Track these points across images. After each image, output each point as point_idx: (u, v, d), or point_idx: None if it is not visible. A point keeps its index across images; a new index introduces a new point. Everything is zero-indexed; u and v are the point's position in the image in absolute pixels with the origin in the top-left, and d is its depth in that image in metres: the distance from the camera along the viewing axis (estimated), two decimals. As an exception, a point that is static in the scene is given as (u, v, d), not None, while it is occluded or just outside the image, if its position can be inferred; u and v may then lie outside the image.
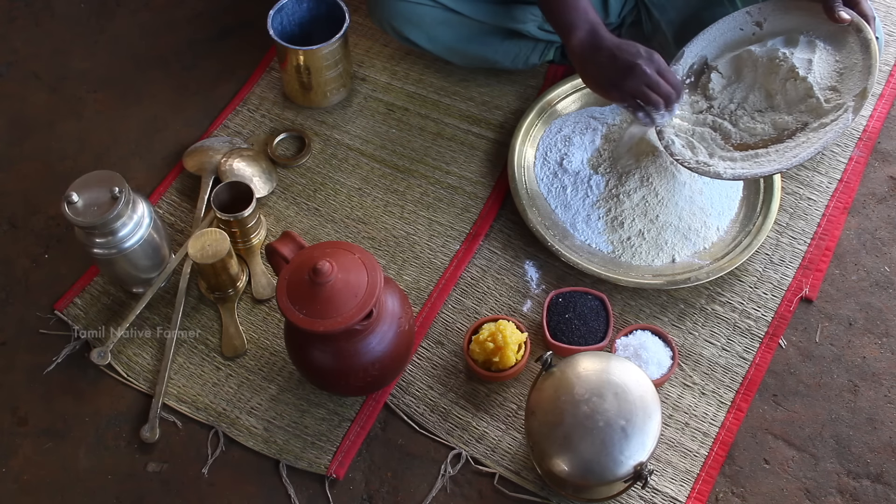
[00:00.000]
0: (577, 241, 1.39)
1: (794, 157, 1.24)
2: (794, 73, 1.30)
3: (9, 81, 1.68)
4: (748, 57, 1.35)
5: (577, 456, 1.09)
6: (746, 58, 1.35)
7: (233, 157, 1.49)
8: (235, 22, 1.73)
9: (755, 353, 1.31)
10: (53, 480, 1.26)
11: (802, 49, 1.31)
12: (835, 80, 1.28)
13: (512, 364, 1.25)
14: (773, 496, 1.21)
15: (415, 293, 1.38)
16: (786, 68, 1.31)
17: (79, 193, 1.22)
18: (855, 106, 1.24)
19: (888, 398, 1.28)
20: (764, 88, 1.34)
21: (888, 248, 1.41)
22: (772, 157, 1.28)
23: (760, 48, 1.35)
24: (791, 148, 1.27)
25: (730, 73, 1.37)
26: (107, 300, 1.40)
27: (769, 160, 1.27)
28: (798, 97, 1.30)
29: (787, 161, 1.25)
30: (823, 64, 1.29)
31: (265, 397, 1.31)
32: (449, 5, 1.44)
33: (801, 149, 1.25)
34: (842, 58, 1.29)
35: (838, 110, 1.25)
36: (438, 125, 1.56)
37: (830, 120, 1.25)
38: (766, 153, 1.29)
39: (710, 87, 1.38)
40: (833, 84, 1.28)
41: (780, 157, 1.27)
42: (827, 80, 1.28)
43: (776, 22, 1.35)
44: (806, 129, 1.28)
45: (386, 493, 1.24)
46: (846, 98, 1.25)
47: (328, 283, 1.07)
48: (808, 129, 1.27)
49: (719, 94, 1.37)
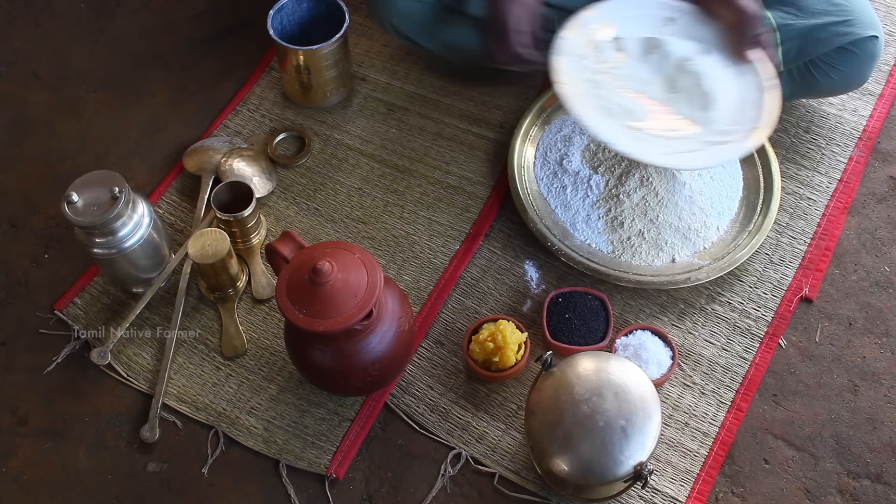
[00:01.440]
0: (577, 241, 1.39)
1: (677, 161, 1.24)
2: (699, 83, 1.30)
3: (9, 81, 1.68)
4: (658, 46, 1.33)
5: (577, 456, 1.09)
6: (654, 46, 1.33)
7: (233, 157, 1.49)
8: (235, 22, 1.73)
9: (755, 353, 1.31)
10: (53, 480, 1.26)
11: (711, 63, 1.31)
12: (733, 105, 1.29)
13: (512, 364, 1.25)
14: (773, 496, 1.21)
15: (415, 293, 1.38)
16: (692, 74, 1.31)
17: (79, 193, 1.22)
18: (747, 140, 1.25)
19: (888, 398, 1.28)
20: (669, 81, 1.32)
21: (888, 248, 1.41)
22: (658, 145, 1.25)
23: (673, 45, 1.33)
24: (680, 150, 1.25)
25: (637, 52, 1.34)
26: (107, 300, 1.40)
27: (654, 146, 1.25)
28: (698, 105, 1.30)
29: (670, 161, 1.23)
30: (726, 86, 1.30)
31: (265, 397, 1.31)
32: (449, 4, 1.44)
33: (688, 157, 1.24)
34: (743, 89, 1.30)
35: (730, 135, 1.26)
36: (438, 125, 1.56)
37: (720, 141, 1.26)
38: (651, 135, 1.27)
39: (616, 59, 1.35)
40: (731, 108, 1.28)
41: (667, 148, 1.25)
42: (726, 103, 1.29)
43: (688, 26, 1.35)
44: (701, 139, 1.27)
45: (386, 493, 1.24)
46: (739, 127, 1.26)
47: (328, 283, 1.07)
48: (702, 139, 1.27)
49: (625, 69, 1.34)
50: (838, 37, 1.34)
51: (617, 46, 1.34)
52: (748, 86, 1.30)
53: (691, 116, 1.29)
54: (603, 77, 1.31)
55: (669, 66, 1.32)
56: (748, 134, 1.26)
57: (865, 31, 1.34)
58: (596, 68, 1.32)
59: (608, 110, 1.28)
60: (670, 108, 1.30)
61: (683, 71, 1.32)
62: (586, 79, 1.30)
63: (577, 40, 1.32)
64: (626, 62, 1.33)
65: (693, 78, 1.31)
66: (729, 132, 1.27)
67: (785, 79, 1.43)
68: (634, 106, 1.29)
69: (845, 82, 1.41)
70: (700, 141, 1.27)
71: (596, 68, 1.32)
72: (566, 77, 1.28)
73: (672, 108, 1.30)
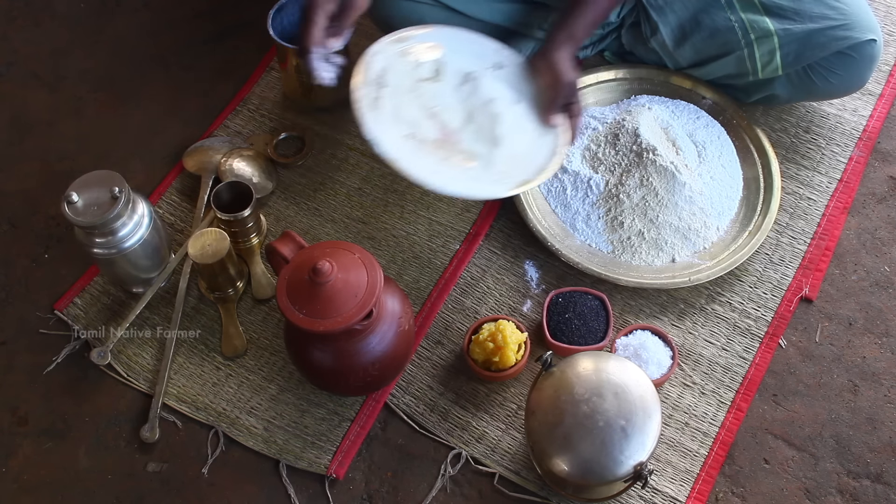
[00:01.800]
0: (577, 241, 1.39)
1: (433, 179, 1.24)
2: (495, 124, 1.32)
3: (9, 81, 1.68)
4: (472, 80, 1.36)
5: (577, 456, 1.09)
6: (469, 79, 1.36)
7: (233, 157, 1.49)
8: (235, 22, 1.73)
9: (755, 353, 1.31)
10: (53, 480, 1.26)
11: (515, 112, 1.35)
12: (517, 155, 1.32)
13: (512, 364, 1.25)
14: (773, 496, 1.21)
15: (415, 293, 1.38)
16: (492, 115, 1.33)
17: (79, 193, 1.22)
18: (511, 188, 1.28)
19: (888, 398, 1.28)
20: (468, 114, 1.34)
21: (888, 248, 1.41)
22: (424, 161, 1.26)
23: (488, 85, 1.36)
24: (439, 170, 1.26)
25: (452, 81, 1.36)
26: (107, 300, 1.40)
27: (420, 161, 1.26)
28: (484, 143, 1.31)
29: (424, 177, 1.23)
30: (519, 136, 1.33)
31: (265, 397, 1.31)
32: (449, 4, 1.44)
33: (444, 178, 1.25)
34: (535, 145, 1.34)
35: (500, 176, 1.29)
36: (438, 125, 1.56)
37: (486, 178, 1.28)
38: (423, 152, 1.29)
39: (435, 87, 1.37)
40: (513, 155, 1.31)
41: (431, 167, 1.26)
42: (511, 150, 1.31)
43: (511, 75, 1.38)
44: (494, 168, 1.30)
45: (386, 493, 1.24)
46: (513, 173, 1.29)
47: (328, 282, 1.07)
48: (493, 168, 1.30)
49: (433, 88, 1.36)
50: (837, 41, 1.34)
51: (435, 67, 1.37)
52: (541, 145, 1.34)
53: (472, 150, 1.31)
54: (407, 85, 1.34)
55: (475, 101, 1.35)
56: (516, 184, 1.29)
57: (864, 35, 1.34)
58: (404, 76, 1.34)
59: (397, 116, 1.29)
60: (457, 138, 1.32)
61: (485, 110, 1.34)
62: (393, 83, 1.32)
63: (395, 49, 1.36)
64: (437, 83, 1.36)
65: (491, 118, 1.33)
66: (501, 173, 1.30)
67: (783, 82, 1.44)
68: (424, 123, 1.31)
69: (844, 86, 1.41)
70: (465, 169, 1.29)
71: (404, 76, 1.34)
72: (364, 76, 1.30)
73: (459, 137, 1.32)
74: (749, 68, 1.42)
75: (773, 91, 1.45)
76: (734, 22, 1.39)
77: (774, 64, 1.39)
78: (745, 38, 1.39)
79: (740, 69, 1.43)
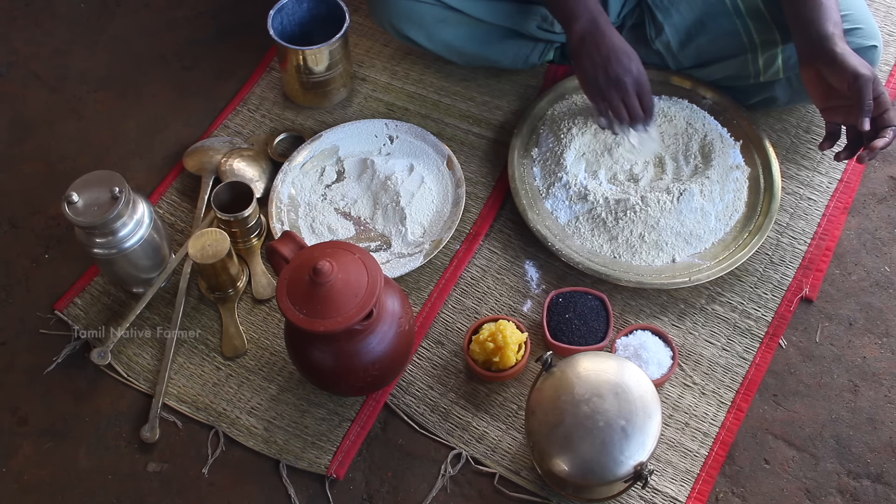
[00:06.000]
0: (577, 242, 1.39)
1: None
2: (397, 201, 1.41)
3: (9, 81, 1.68)
4: (370, 166, 1.46)
5: (578, 456, 1.09)
6: (367, 166, 1.47)
7: (233, 157, 1.49)
8: (235, 22, 1.73)
9: (755, 353, 1.31)
10: (53, 480, 1.26)
11: (411, 180, 1.43)
12: (424, 221, 1.41)
13: (512, 364, 1.25)
14: (773, 496, 1.21)
15: (415, 293, 1.38)
16: (393, 192, 1.42)
17: (79, 193, 1.22)
18: (431, 251, 1.37)
19: (888, 398, 1.28)
20: (374, 198, 1.44)
21: (888, 248, 1.41)
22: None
23: (382, 164, 1.45)
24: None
25: (354, 172, 1.47)
26: (107, 300, 1.40)
27: None
28: (394, 221, 1.41)
29: None
30: (419, 202, 1.42)
31: (265, 397, 1.31)
32: (449, 3, 1.44)
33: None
34: (436, 202, 1.43)
35: (416, 247, 1.39)
36: (438, 125, 1.56)
37: (407, 253, 1.39)
38: None
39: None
40: (422, 223, 1.41)
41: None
42: (417, 219, 1.41)
43: (404, 144, 1.49)
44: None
45: (386, 493, 1.24)
46: (425, 240, 1.39)
47: (328, 283, 1.07)
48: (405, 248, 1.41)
49: (339, 188, 1.46)
50: None
51: (339, 167, 1.49)
52: (441, 198, 1.44)
53: (387, 232, 1.42)
54: (317, 198, 1.45)
55: (376, 184, 1.43)
56: (433, 247, 1.38)
57: (866, 41, 1.34)
58: (310, 191, 1.46)
59: (313, 229, 1.42)
60: (371, 225, 1.43)
61: (385, 189, 1.42)
62: (305, 200, 1.45)
63: (307, 164, 1.48)
64: (343, 181, 1.47)
65: (393, 196, 1.42)
66: (415, 244, 1.40)
67: (783, 86, 1.44)
68: (340, 224, 1.42)
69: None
70: (391, 253, 1.39)
71: (310, 191, 1.46)
72: (288, 201, 1.44)
73: (373, 224, 1.43)
74: (751, 71, 1.42)
75: (772, 94, 1.46)
76: (739, 26, 1.39)
77: (776, 67, 1.39)
78: (749, 42, 1.39)
79: (742, 72, 1.43)
